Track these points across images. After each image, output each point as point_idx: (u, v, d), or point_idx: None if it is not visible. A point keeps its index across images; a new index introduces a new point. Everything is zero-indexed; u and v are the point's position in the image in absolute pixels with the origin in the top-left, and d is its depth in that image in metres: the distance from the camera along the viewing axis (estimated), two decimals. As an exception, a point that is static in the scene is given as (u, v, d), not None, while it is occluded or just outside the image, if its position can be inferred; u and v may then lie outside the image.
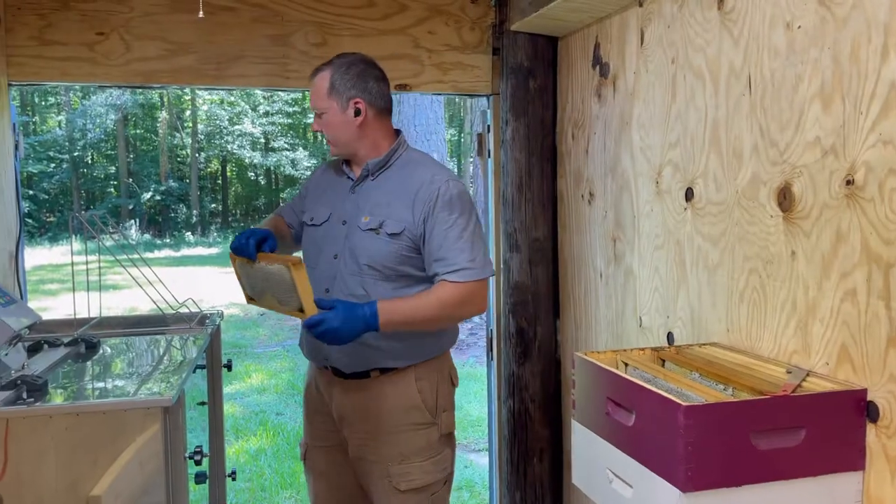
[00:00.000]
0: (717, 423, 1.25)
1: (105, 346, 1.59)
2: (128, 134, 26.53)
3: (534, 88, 2.51)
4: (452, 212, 1.81)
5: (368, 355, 1.85)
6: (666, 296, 1.94)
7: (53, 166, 24.53)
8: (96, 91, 24.40)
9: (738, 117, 1.63)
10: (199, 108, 25.84)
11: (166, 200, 25.26)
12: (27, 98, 25.95)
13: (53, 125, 25.77)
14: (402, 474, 1.86)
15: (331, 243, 1.87)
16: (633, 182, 2.10)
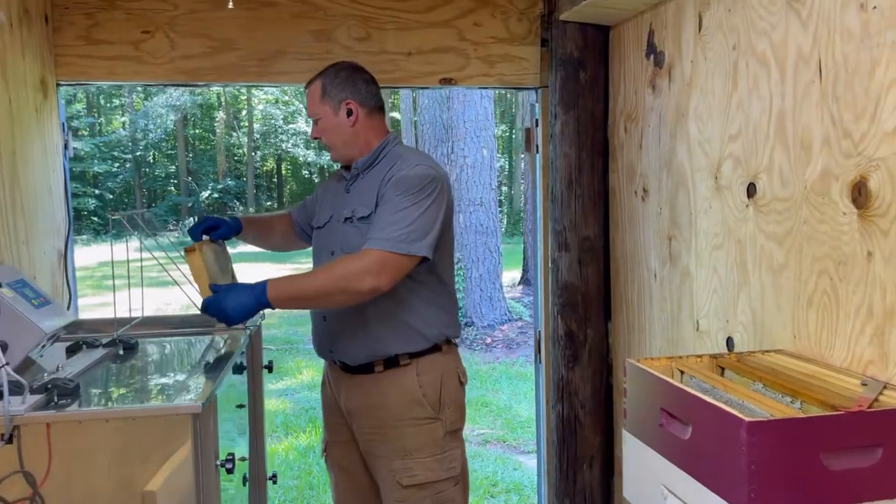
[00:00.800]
0: (783, 441, 1.14)
1: (143, 348, 1.57)
2: (187, 133, 27.23)
3: (584, 80, 2.41)
4: (398, 191, 1.79)
5: (368, 344, 1.86)
6: (725, 298, 1.82)
7: (118, 166, 25.35)
8: (157, 92, 25.10)
9: (807, 106, 1.50)
10: (255, 107, 26.33)
11: (224, 198, 25.84)
12: (93, 100, 26.90)
13: (118, 126, 26.62)
14: (405, 469, 1.86)
15: (327, 241, 1.95)
16: (689, 177, 1.98)
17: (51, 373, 1.24)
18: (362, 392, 1.91)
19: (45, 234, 2.15)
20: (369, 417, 1.90)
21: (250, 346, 1.89)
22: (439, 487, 1.89)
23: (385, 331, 1.86)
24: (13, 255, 1.90)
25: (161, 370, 1.46)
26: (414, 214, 1.76)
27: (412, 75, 2.49)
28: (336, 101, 1.91)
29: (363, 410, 1.91)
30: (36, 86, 2.12)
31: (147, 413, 1.11)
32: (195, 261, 1.71)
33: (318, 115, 1.92)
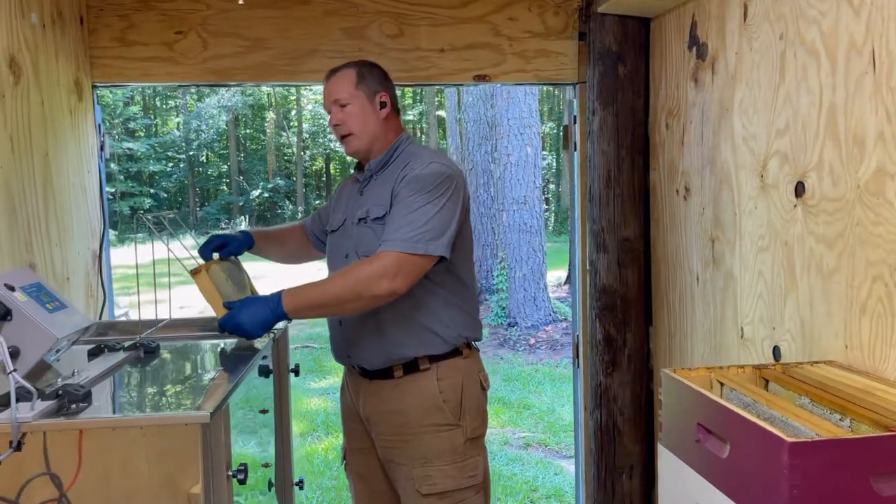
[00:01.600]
0: (830, 464, 1.05)
1: (164, 351, 1.56)
2: (238, 134, 27.77)
3: (623, 74, 2.32)
4: (412, 190, 1.76)
5: (386, 349, 1.82)
6: (772, 304, 1.72)
7: (172, 165, 26.01)
8: (210, 93, 25.66)
9: (860, 99, 1.39)
10: (304, 107, 26.69)
11: (274, 197, 26.26)
12: (149, 102, 27.67)
13: (172, 127, 27.31)
14: (424, 477, 1.81)
15: (344, 245, 1.91)
16: (734, 175, 1.87)
17: (65, 378, 1.22)
18: (381, 398, 1.87)
19: (79, 235, 2.17)
20: (388, 424, 1.85)
21: (276, 349, 1.87)
22: (460, 496, 1.84)
23: (401, 334, 1.81)
24: (45, 257, 1.92)
25: (179, 375, 1.44)
26: (429, 213, 1.71)
27: (445, 72, 2.44)
28: (372, 91, 1.88)
29: (382, 417, 1.87)
30: (70, 87, 2.14)
31: (154, 422, 1.09)
32: (202, 282, 1.70)
33: (348, 100, 1.85)
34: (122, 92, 24.15)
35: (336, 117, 1.88)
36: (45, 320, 1.15)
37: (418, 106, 26.16)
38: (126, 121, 25.26)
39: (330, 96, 1.89)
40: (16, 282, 1.18)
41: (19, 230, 1.79)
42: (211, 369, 1.54)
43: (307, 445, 4.73)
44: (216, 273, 1.73)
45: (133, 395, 1.23)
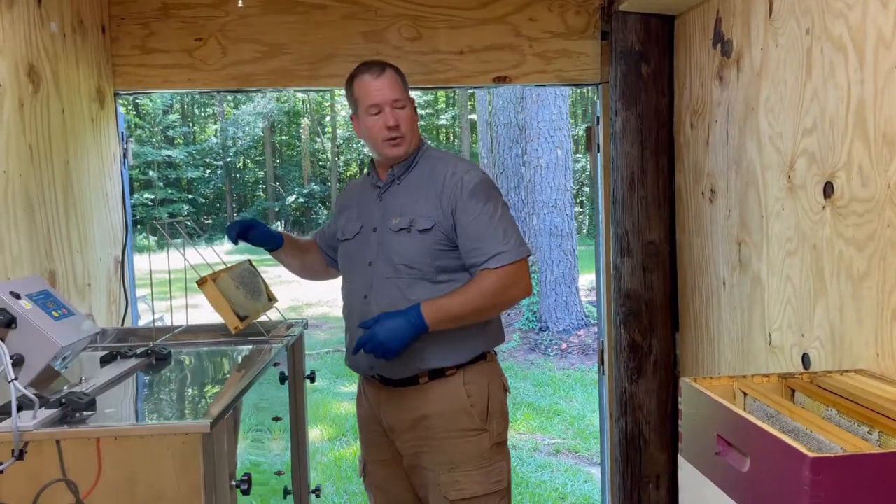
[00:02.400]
0: (854, 480, 0.99)
1: (176, 358, 1.55)
2: (274, 140, 28.13)
3: (646, 74, 2.26)
4: (479, 200, 1.79)
5: (414, 359, 1.78)
6: (800, 310, 1.65)
7: (209, 172, 26.46)
8: (246, 100, 26.05)
9: (890, 95, 1.32)
10: (338, 113, 26.92)
11: (309, 202, 26.52)
12: (188, 110, 28.21)
13: (210, 134, 27.78)
14: (452, 483, 1.79)
15: (364, 252, 1.87)
16: (760, 176, 1.81)
17: (72, 386, 1.22)
18: (406, 405, 1.83)
19: (101, 241, 2.19)
20: (414, 430, 1.82)
21: (291, 356, 1.85)
22: (486, 501, 1.82)
23: (431, 346, 1.77)
24: (65, 264, 1.94)
25: (187, 383, 1.43)
26: (506, 218, 1.80)
27: (464, 74, 2.41)
28: (410, 98, 1.88)
29: (408, 424, 1.83)
30: (92, 95, 2.16)
31: (154, 432, 1.07)
32: (209, 292, 1.67)
33: (404, 102, 1.83)
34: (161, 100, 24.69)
35: (395, 117, 1.81)
36: (50, 328, 1.15)
37: (451, 110, 26.19)
38: (165, 129, 25.80)
39: (387, 94, 1.81)
40: (23, 290, 1.18)
41: (39, 237, 1.81)
42: (221, 377, 1.53)
43: (336, 450, 4.73)
44: (224, 282, 1.71)
45: (139, 403, 1.23)
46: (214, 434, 1.10)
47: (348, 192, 2.07)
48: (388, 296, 1.79)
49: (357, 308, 1.84)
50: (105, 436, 1.08)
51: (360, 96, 1.84)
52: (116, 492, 1.07)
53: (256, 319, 1.77)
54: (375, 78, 1.82)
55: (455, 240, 1.80)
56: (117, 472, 1.07)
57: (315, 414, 5.48)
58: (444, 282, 1.80)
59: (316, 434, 5.05)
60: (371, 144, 1.87)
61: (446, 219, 1.79)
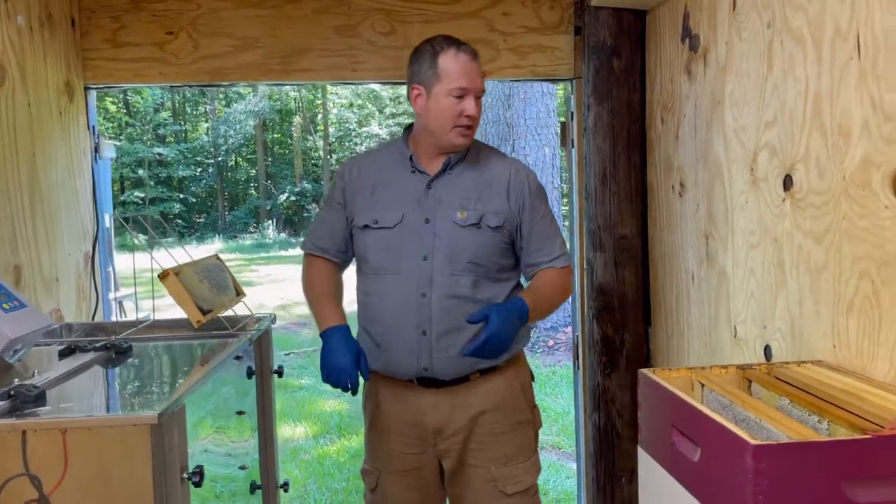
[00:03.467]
0: (797, 468, 0.99)
1: (137, 352, 1.55)
2: (265, 138, 28.04)
3: (618, 69, 2.26)
4: (542, 201, 1.82)
5: (475, 358, 1.69)
6: (763, 303, 1.65)
7: (201, 171, 26.36)
8: (237, 98, 25.97)
9: (846, 88, 1.33)
10: (330, 111, 26.87)
11: (301, 201, 26.45)
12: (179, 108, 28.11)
13: (201, 132, 27.68)
14: (508, 477, 1.77)
15: (415, 245, 1.72)
16: (725, 170, 1.81)
17: (23, 378, 1.22)
18: (461, 403, 1.75)
19: (69, 236, 2.18)
20: (468, 428, 1.75)
21: (258, 350, 1.85)
22: (533, 490, 1.84)
23: None
24: (31, 258, 1.93)
25: (145, 376, 1.43)
26: (557, 224, 1.84)
27: (438, 69, 2.40)
28: None
29: (462, 423, 1.75)
30: (60, 89, 2.15)
31: (101, 423, 1.07)
32: (171, 285, 1.64)
33: (482, 95, 1.73)
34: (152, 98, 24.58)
35: (477, 107, 1.71)
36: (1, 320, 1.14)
37: (443, 108, 26.14)
38: (156, 127, 25.70)
39: (478, 83, 1.70)
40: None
41: (3, 231, 1.80)
42: (179, 370, 1.52)
43: (319, 448, 4.72)
44: (187, 275, 1.70)
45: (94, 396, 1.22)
46: (164, 426, 1.10)
47: (371, 171, 1.80)
48: (454, 294, 1.69)
49: (412, 305, 1.69)
50: (51, 428, 1.07)
51: (447, 73, 1.67)
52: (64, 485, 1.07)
53: (222, 314, 1.76)
54: (471, 59, 1.70)
55: (516, 238, 1.78)
56: (61, 462, 1.07)
57: (301, 411, 5.47)
58: (504, 280, 1.78)
59: (300, 431, 5.04)
60: (436, 126, 1.71)
61: (513, 217, 1.76)
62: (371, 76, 2.38)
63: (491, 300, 1.72)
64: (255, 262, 17.15)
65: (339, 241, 1.82)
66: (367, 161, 1.86)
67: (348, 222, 1.81)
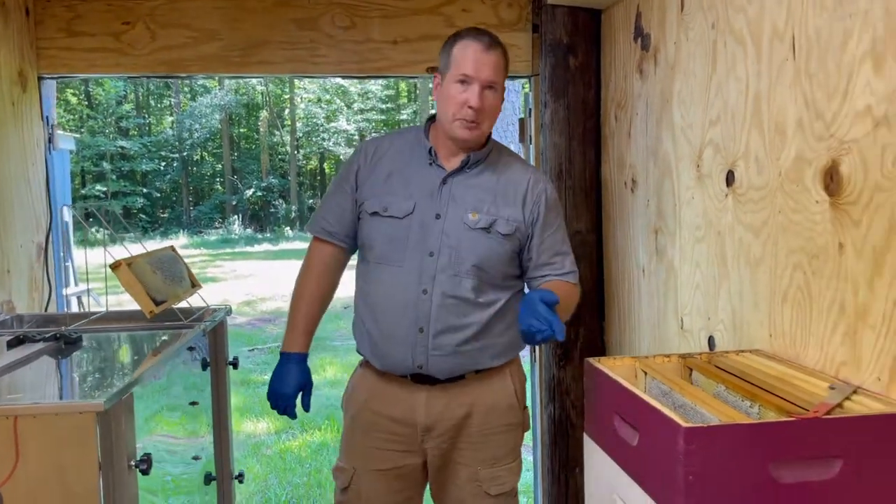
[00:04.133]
0: (726, 450, 1.04)
1: (87, 343, 1.54)
2: (232, 133, 27.72)
3: (574, 66, 2.31)
4: (558, 215, 1.81)
5: (469, 359, 1.72)
6: (707, 295, 1.71)
7: (165, 165, 25.95)
8: (203, 92, 25.62)
9: (782, 87, 1.38)
10: (297, 106, 26.65)
11: (267, 196, 26.21)
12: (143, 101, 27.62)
13: (166, 126, 27.25)
14: (494, 478, 1.77)
15: (422, 239, 1.69)
16: (674, 166, 1.86)
17: (-32, 366, 1.21)
18: (454, 402, 1.74)
19: (22, 227, 2.15)
20: (458, 427, 1.74)
21: (213, 342, 1.85)
22: (515, 491, 1.84)
23: (489, 345, 1.73)
24: (-19, 248, 1.90)
25: (93, 366, 1.42)
26: (568, 241, 1.84)
27: (398, 64, 2.43)
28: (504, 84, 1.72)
29: (453, 421, 1.74)
30: (13, 79, 2.12)
31: (48, 411, 1.07)
32: (123, 276, 1.62)
33: (499, 88, 1.68)
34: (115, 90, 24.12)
35: (482, 100, 1.64)
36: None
37: (413, 105, 26.15)
38: (119, 119, 25.24)
39: (486, 72, 1.63)
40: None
41: (-49, 221, 1.77)
42: (129, 360, 1.52)
43: (281, 443, 4.71)
44: (139, 266, 1.69)
45: (39, 385, 1.22)
46: (111, 413, 1.10)
47: (389, 156, 1.76)
48: (455, 294, 1.67)
49: (411, 300, 1.67)
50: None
51: (457, 59, 1.65)
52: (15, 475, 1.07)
53: (176, 305, 1.76)
54: (483, 50, 1.64)
55: (526, 248, 1.75)
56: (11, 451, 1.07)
57: (264, 407, 5.44)
58: (508, 287, 1.75)
59: (263, 427, 5.02)
60: (442, 115, 1.68)
61: (526, 227, 1.73)
62: (331, 70, 2.39)
63: (492, 303, 1.71)
64: (220, 257, 16.96)
65: (348, 224, 1.78)
66: (385, 144, 1.79)
67: (356, 205, 1.76)
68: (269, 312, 9.15)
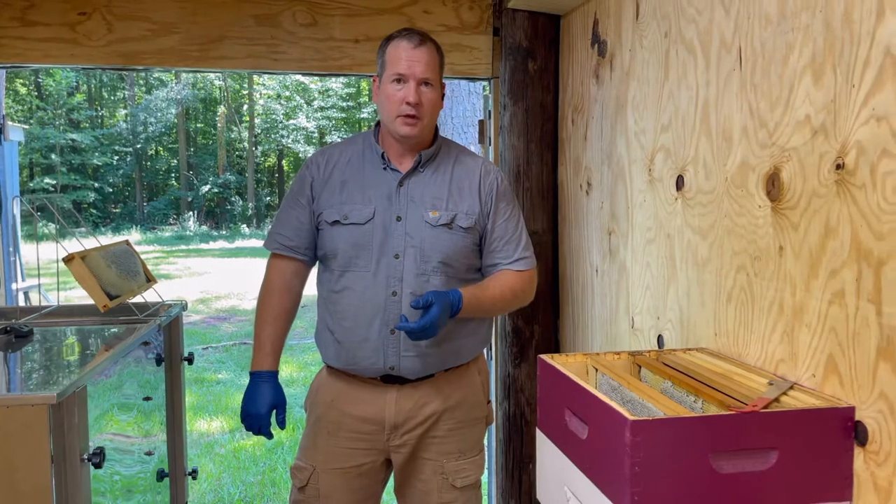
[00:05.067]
0: (670, 441, 1.09)
1: (40, 336, 1.52)
2: (188, 128, 27.22)
3: (533, 70, 2.35)
4: (509, 202, 1.83)
5: (440, 358, 1.75)
6: (657, 295, 1.77)
7: (118, 159, 25.35)
8: (158, 85, 25.11)
9: (729, 95, 1.44)
10: (256, 102, 26.32)
11: (224, 193, 25.81)
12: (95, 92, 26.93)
13: (119, 119, 26.62)
14: (459, 471, 1.81)
15: (386, 242, 1.72)
16: (627, 170, 1.92)
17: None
18: (423, 400, 1.77)
19: (-31, 218, 2.10)
20: (426, 423, 1.77)
21: (168, 337, 1.83)
22: (479, 483, 1.88)
23: (469, 343, 1.81)
24: (-73, 239, 1.85)
25: (45, 359, 1.41)
26: (523, 225, 1.85)
27: (359, 63, 2.44)
28: (440, 80, 1.75)
29: (422, 418, 1.77)
30: (-38, 67, 2.07)
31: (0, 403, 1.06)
32: (76, 269, 1.60)
33: (434, 83, 1.70)
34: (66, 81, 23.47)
35: (418, 95, 1.67)
36: None
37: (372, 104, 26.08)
38: (70, 111, 24.57)
39: (417, 69, 1.67)
40: None
41: None
42: (81, 354, 1.50)
43: (235, 442, 4.67)
44: (94, 260, 1.67)
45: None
46: (64, 406, 1.10)
47: (340, 166, 1.79)
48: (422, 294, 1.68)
49: (381, 303, 1.70)
50: (-55, 406, 1.05)
51: (389, 60, 1.70)
52: None
53: (131, 300, 1.75)
54: (413, 47, 1.68)
55: (484, 238, 1.80)
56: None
57: (217, 406, 5.38)
58: (473, 280, 1.80)
59: (216, 426, 4.96)
60: (384, 116, 1.73)
61: (483, 218, 1.78)
62: (292, 67, 2.38)
63: None
64: (175, 254, 16.65)
65: (306, 237, 1.79)
66: (336, 154, 1.81)
67: (314, 217, 1.78)
68: (224, 311, 9.03)
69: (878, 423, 1.08)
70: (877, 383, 1.07)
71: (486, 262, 1.81)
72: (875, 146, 1.06)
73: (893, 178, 1.03)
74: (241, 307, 9.38)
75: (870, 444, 1.09)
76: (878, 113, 1.06)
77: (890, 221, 1.04)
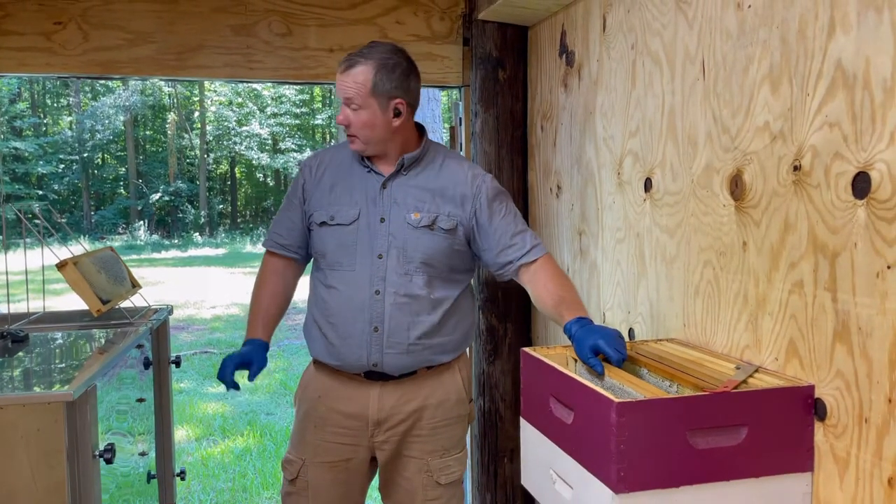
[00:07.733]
0: (651, 421, 1.19)
1: (35, 341, 1.55)
2: (137, 135, 26.67)
3: (503, 79, 2.45)
4: (502, 201, 1.88)
5: (422, 356, 1.82)
6: (627, 291, 1.88)
7: (63, 167, 24.69)
8: (105, 92, 24.54)
9: (693, 103, 1.56)
10: (208, 109, 25.95)
11: (175, 201, 25.36)
12: (38, 99, 26.19)
13: (64, 126, 25.94)
14: (443, 468, 1.86)
15: (370, 242, 1.79)
16: (596, 173, 2.03)
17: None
18: (406, 396, 1.83)
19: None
20: (409, 420, 1.83)
21: (156, 341, 1.87)
22: (461, 480, 1.93)
23: (454, 340, 1.86)
24: None
25: (47, 362, 1.44)
26: (522, 219, 1.90)
27: (333, 71, 2.48)
28: (386, 99, 1.75)
29: (404, 415, 1.83)
30: (-62, 75, 2.07)
31: (16, 402, 1.10)
32: (69, 275, 1.64)
33: (360, 105, 1.73)
34: (7, 88, 22.79)
35: (344, 116, 1.76)
36: None
37: (328, 110, 25.97)
38: (12, 118, 23.85)
39: (342, 93, 1.74)
40: None
41: None
42: (83, 355, 1.54)
43: (203, 449, 4.65)
44: (85, 265, 1.70)
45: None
46: (78, 404, 1.14)
47: (331, 169, 1.88)
48: (407, 292, 1.78)
49: (365, 302, 1.78)
50: (-37, 406, 1.09)
51: None
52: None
53: (120, 304, 1.78)
54: (340, 72, 1.76)
55: (474, 241, 1.85)
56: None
57: (182, 414, 5.34)
58: (457, 281, 1.86)
59: (182, 434, 4.93)
60: None
61: (468, 221, 1.83)
62: (268, 76, 2.43)
63: (443, 300, 1.82)
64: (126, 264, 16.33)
65: (298, 236, 1.90)
66: (327, 158, 1.91)
67: (306, 217, 1.87)
68: (181, 320, 8.91)
69: (835, 400, 1.20)
70: (833, 363, 1.19)
71: (501, 261, 1.84)
72: (828, 150, 1.18)
73: (845, 178, 1.15)
74: (198, 316, 9.28)
75: (828, 419, 1.21)
76: (831, 120, 1.18)
77: (842, 217, 1.16)
